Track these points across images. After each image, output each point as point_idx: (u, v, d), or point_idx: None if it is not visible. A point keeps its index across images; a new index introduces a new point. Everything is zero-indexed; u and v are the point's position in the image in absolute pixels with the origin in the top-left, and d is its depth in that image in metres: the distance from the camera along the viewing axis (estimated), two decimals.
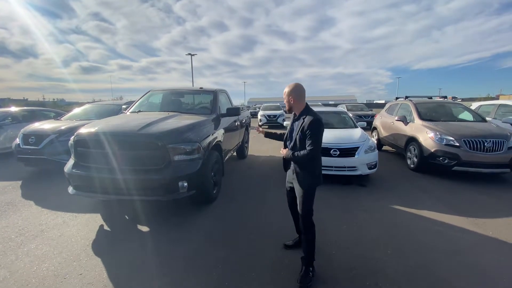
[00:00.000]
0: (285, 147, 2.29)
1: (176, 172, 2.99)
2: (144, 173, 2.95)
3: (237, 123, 5.48)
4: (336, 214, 3.40)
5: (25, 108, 8.04)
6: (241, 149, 6.33)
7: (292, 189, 2.33)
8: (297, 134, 2.07)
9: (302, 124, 2.04)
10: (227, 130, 4.59)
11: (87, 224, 3.14)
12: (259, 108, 20.26)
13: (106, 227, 3.09)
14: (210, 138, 3.68)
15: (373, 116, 12.92)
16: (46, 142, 4.95)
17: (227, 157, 4.83)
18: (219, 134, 4.12)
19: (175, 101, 4.72)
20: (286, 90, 2.16)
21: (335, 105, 23.03)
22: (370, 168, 4.45)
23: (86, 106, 7.06)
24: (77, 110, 6.83)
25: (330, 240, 2.77)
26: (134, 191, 2.97)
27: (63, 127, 5.18)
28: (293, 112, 2.22)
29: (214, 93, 4.64)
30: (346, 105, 14.93)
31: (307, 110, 2.10)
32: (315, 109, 6.78)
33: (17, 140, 5.18)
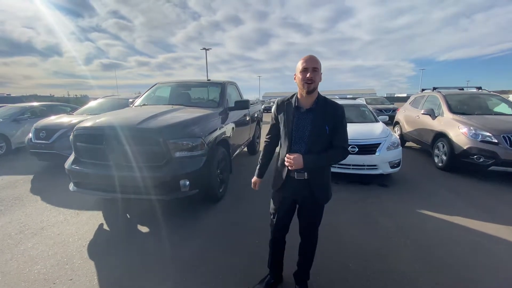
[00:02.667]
0: (288, 151, 1.55)
1: (177, 169, 2.76)
2: (144, 171, 2.75)
3: (247, 117, 5.20)
4: (354, 219, 3.05)
5: (43, 103, 8.21)
6: (252, 145, 6.05)
7: (289, 211, 1.73)
8: (317, 129, 1.48)
9: (324, 114, 1.48)
10: (236, 124, 4.32)
11: (87, 222, 3.01)
12: (274, 102, 19.82)
13: (105, 226, 2.94)
14: (216, 133, 3.43)
15: (394, 110, 12.17)
16: (56, 137, 4.94)
17: (236, 153, 4.57)
18: (227, 129, 3.86)
19: (181, 94, 4.50)
20: (314, 60, 1.44)
21: (354, 98, 22.17)
22: (392, 167, 4.02)
23: (99, 100, 7.06)
24: (90, 105, 6.84)
25: (346, 249, 2.44)
26: (134, 190, 2.79)
27: (73, 121, 5.15)
28: (285, 103, 1.59)
29: (222, 86, 4.37)
30: (365, 99, 14.16)
31: (323, 97, 1.56)
32: None
33: (30, 135, 5.22)
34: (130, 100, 4.75)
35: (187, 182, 2.81)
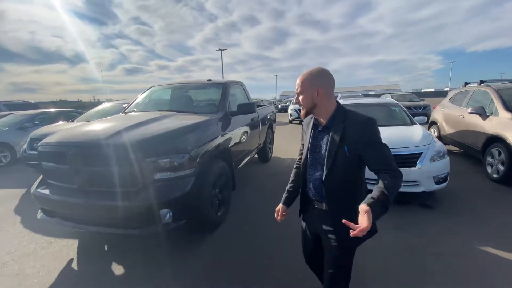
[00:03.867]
0: (304, 175, 1.35)
1: (155, 196, 2.15)
2: (114, 198, 2.16)
3: (256, 121, 4.52)
4: (388, 249, 2.30)
5: (51, 110, 8.08)
6: (263, 151, 5.37)
7: (313, 247, 1.44)
8: (333, 151, 1.19)
9: (342, 132, 1.18)
10: (241, 131, 3.66)
11: (57, 257, 2.49)
12: (291, 102, 18.93)
13: (74, 264, 2.39)
14: (213, 144, 2.79)
15: (425, 107, 10.89)
16: None
17: (242, 164, 3.91)
18: (228, 137, 3.21)
19: (177, 97, 3.92)
20: (307, 77, 1.23)
21: (378, 95, 20.57)
22: (438, 182, 3.15)
23: (103, 105, 6.72)
24: (93, 110, 6.51)
25: None
26: (104, 222, 2.24)
27: None
28: (310, 119, 1.36)
29: (224, 86, 3.72)
30: (391, 95, 12.82)
31: (343, 111, 1.23)
32: (354, 101, 5.47)
33: (25, 145, 4.91)
34: (124, 105, 4.25)
35: (170, 213, 2.19)
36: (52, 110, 8.25)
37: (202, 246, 2.57)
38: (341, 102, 5.58)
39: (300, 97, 1.25)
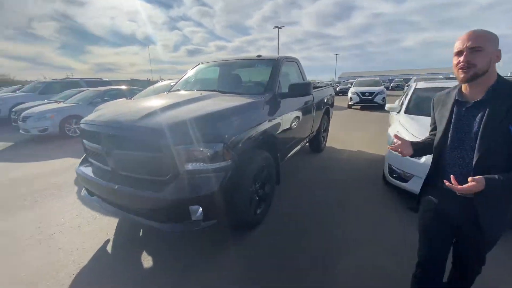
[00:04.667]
0: (439, 160, 1.21)
1: (184, 190, 1.86)
2: (141, 185, 1.96)
3: (310, 105, 3.90)
4: None
5: (119, 87, 8.76)
6: (316, 140, 4.73)
7: (443, 242, 1.25)
8: (491, 131, 1.02)
9: (506, 107, 1.00)
10: (291, 117, 3.13)
11: (97, 235, 2.49)
12: (351, 84, 17.10)
13: (109, 246, 2.34)
14: (256, 132, 2.36)
15: None
16: None
17: (290, 155, 3.42)
18: (275, 124, 2.73)
19: (222, 75, 3.55)
20: (489, 35, 1.04)
21: None
22: None
23: (158, 84, 6.90)
24: (149, 88, 6.74)
25: None
26: (134, 210, 2.06)
27: None
28: (445, 96, 1.24)
29: (274, 63, 3.18)
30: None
31: (508, 84, 1.05)
32: (435, 84, 4.35)
33: None
34: (172, 84, 4.11)
35: (200, 209, 1.89)
36: (119, 87, 8.96)
37: (237, 246, 2.25)
38: (421, 85, 4.49)
39: (478, 55, 1.02)
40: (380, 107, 11.54)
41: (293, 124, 3.21)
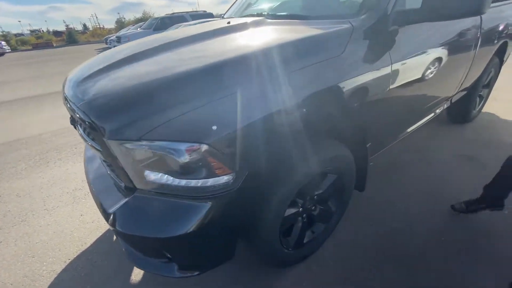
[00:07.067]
0: None
1: (131, 218, 0.98)
2: (111, 184, 1.21)
3: (471, 37, 1.93)
4: None
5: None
6: (465, 103, 2.68)
7: None
8: None
9: None
10: (418, 63, 1.48)
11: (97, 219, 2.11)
12: None
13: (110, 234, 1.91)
14: (311, 110, 1.06)
15: None
16: None
17: (397, 140, 1.86)
18: (374, 84, 1.26)
19: None
20: None
21: None
22: None
23: None
24: None
25: None
26: None
27: None
28: None
29: None
30: None
31: None
32: None
33: None
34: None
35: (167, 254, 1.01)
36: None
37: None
38: None
39: None
40: None
41: (419, 79, 1.56)
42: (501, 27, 2.50)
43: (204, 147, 0.84)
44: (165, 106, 0.87)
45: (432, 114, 2.16)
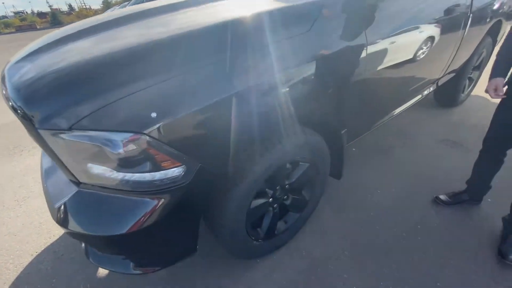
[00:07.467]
0: None
1: (73, 214, 0.90)
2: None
3: (459, 14, 1.82)
4: None
5: None
6: (453, 85, 2.59)
7: None
8: None
9: None
10: (400, 42, 1.38)
11: None
12: None
13: None
14: (275, 92, 0.97)
15: None
16: None
17: (378, 124, 1.79)
18: (349, 61, 1.17)
19: None
20: None
21: None
22: None
23: None
24: None
25: None
26: None
27: None
28: None
29: None
30: None
31: None
32: None
33: None
34: None
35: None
36: None
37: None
38: None
39: None
40: None
41: (399, 60, 1.46)
42: (496, 5, 2.38)
43: (143, 138, 0.74)
44: (100, 90, 0.77)
45: (417, 98, 2.07)
